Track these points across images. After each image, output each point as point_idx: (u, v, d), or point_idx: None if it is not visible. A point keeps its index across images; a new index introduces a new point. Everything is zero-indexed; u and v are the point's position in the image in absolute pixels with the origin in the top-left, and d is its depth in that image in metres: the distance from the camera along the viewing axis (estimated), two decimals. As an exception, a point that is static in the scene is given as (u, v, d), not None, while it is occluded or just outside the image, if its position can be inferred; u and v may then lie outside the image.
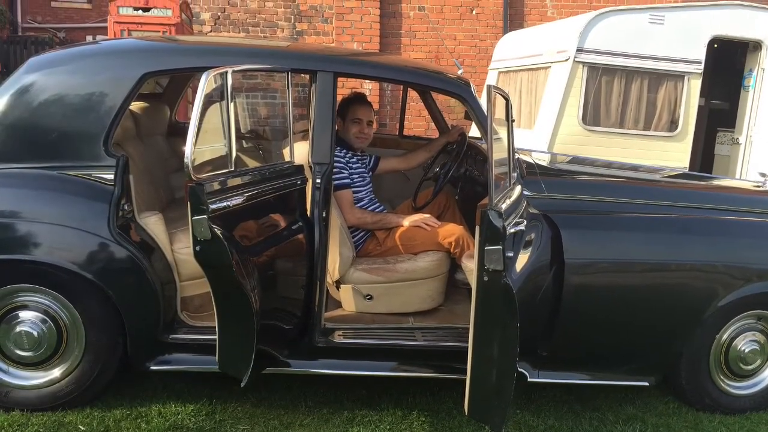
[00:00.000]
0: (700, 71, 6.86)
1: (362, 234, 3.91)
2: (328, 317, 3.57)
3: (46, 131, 3.25)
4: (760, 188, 4.19)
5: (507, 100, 3.28)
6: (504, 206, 2.77)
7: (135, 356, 3.32)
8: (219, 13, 10.88)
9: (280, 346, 3.32)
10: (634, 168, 4.66)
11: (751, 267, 3.45)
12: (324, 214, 3.34)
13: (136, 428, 3.22)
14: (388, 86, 10.85)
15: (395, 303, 3.75)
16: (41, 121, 3.26)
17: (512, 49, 8.49)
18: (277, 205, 3.31)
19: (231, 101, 2.93)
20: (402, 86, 5.87)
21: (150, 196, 3.86)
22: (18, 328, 3.23)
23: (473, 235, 2.92)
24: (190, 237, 2.73)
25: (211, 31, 10.85)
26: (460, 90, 3.54)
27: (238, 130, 3.44)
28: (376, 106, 10.29)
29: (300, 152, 3.48)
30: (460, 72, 4.14)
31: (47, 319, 3.24)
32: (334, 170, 3.55)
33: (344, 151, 3.93)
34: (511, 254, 2.91)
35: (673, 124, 6.95)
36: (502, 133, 3.34)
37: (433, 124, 5.17)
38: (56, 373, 3.30)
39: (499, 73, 8.66)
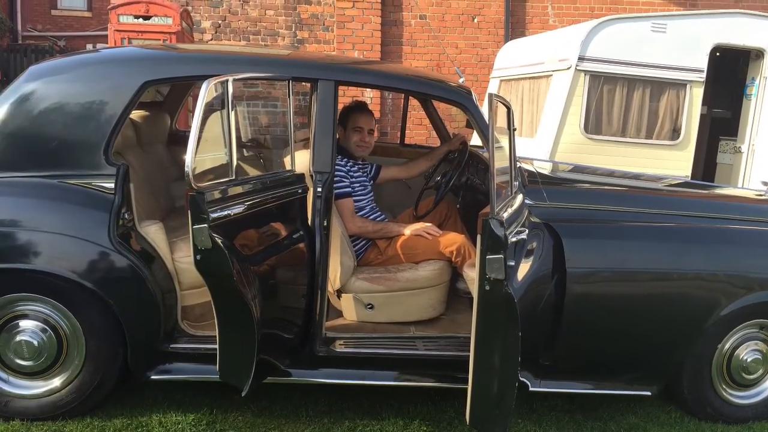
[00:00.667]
0: (702, 79, 6.86)
1: (363, 243, 3.90)
2: (329, 326, 3.56)
3: (46, 140, 3.25)
4: (763, 197, 4.18)
5: (508, 108, 3.27)
6: (506, 215, 2.77)
7: (135, 365, 3.30)
8: (220, 22, 10.90)
9: (281, 355, 3.31)
10: (636, 177, 4.65)
11: (753, 276, 3.44)
12: (325, 223, 3.33)
13: (136, 438, 3.22)
14: (390, 95, 10.85)
15: (396, 312, 3.74)
16: (41, 129, 3.25)
17: (514, 57, 8.50)
18: (278, 214, 3.30)
19: (232, 110, 2.93)
20: (403, 95, 5.87)
21: (150, 204, 3.86)
22: (18, 338, 3.22)
23: (475, 244, 2.91)
24: (190, 246, 2.73)
25: (211, 40, 10.86)
26: (462, 98, 3.54)
27: (238, 138, 3.43)
28: (377, 114, 10.29)
29: (301, 161, 3.48)
30: (461, 80, 4.14)
31: (47, 328, 3.23)
32: (335, 179, 3.55)
33: (345, 159, 3.93)
34: (512, 263, 2.91)
35: (675, 133, 6.94)
36: (504, 141, 3.33)
37: (434, 132, 5.16)
38: (56, 382, 3.29)
39: (501, 81, 8.67)
